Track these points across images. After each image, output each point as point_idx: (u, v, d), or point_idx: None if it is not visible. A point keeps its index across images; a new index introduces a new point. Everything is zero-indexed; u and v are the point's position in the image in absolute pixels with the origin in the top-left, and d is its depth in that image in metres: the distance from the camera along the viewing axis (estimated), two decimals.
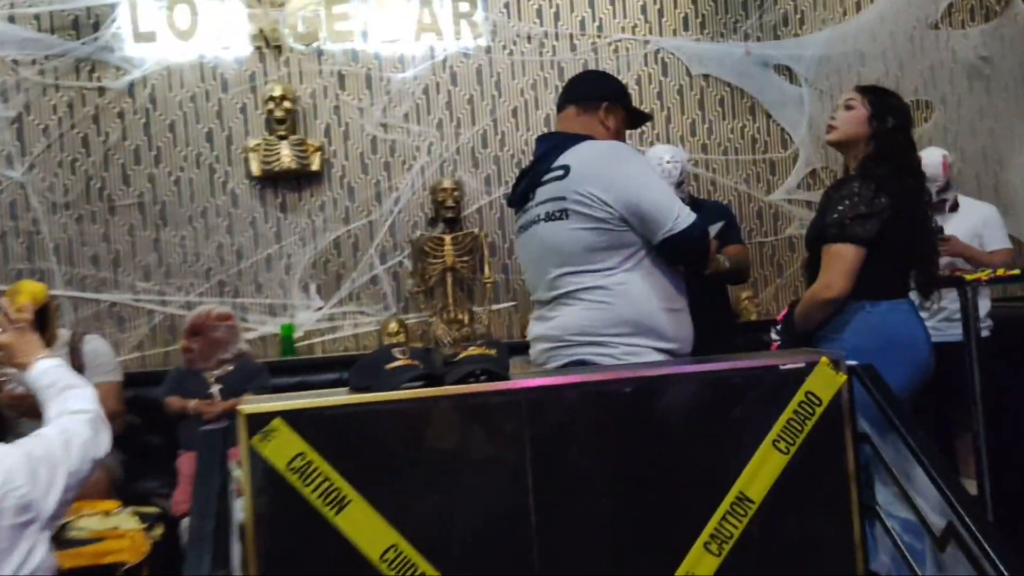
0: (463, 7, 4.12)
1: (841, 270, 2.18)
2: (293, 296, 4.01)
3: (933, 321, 2.94)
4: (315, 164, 3.97)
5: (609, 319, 2.00)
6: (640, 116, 2.33)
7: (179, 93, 3.96)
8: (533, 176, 2.13)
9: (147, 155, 3.94)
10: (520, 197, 2.18)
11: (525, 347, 2.24)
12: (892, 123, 2.30)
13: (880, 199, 2.19)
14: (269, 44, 3.98)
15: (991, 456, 2.49)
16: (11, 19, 3.81)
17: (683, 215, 2.00)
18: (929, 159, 3.25)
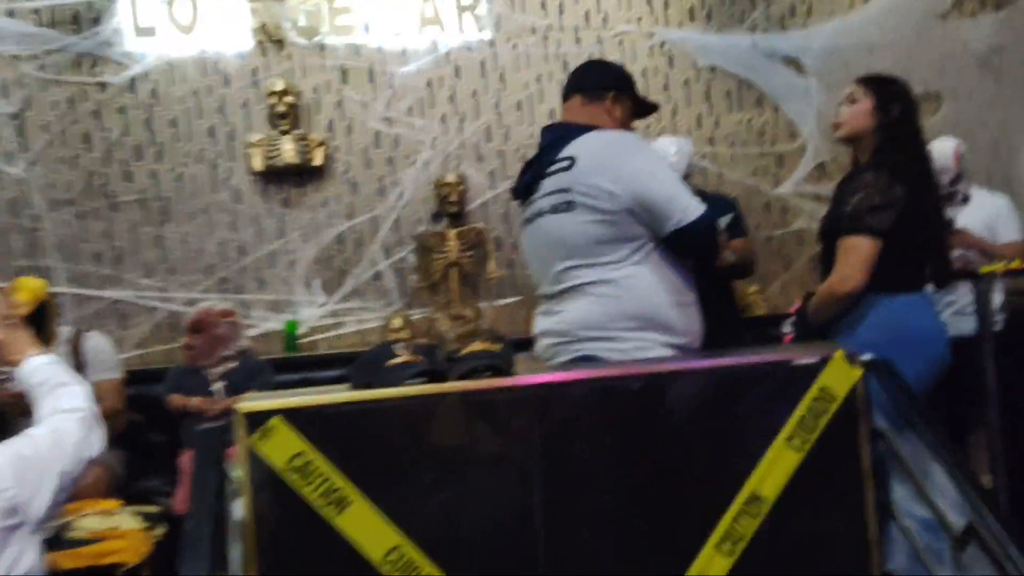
0: (466, 0, 4.09)
1: (857, 263, 2.15)
2: (296, 292, 3.98)
3: (943, 315, 2.90)
4: (318, 159, 3.94)
5: (617, 313, 1.96)
6: (647, 106, 2.29)
7: (180, 88, 3.93)
8: (538, 167, 2.10)
9: (149, 151, 3.92)
10: (525, 189, 2.15)
11: (530, 342, 2.21)
12: (898, 110, 2.28)
13: (895, 189, 2.16)
14: (271, 38, 3.95)
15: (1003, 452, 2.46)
16: (10, 14, 3.78)
17: (692, 207, 1.96)
18: (940, 150, 3.21)
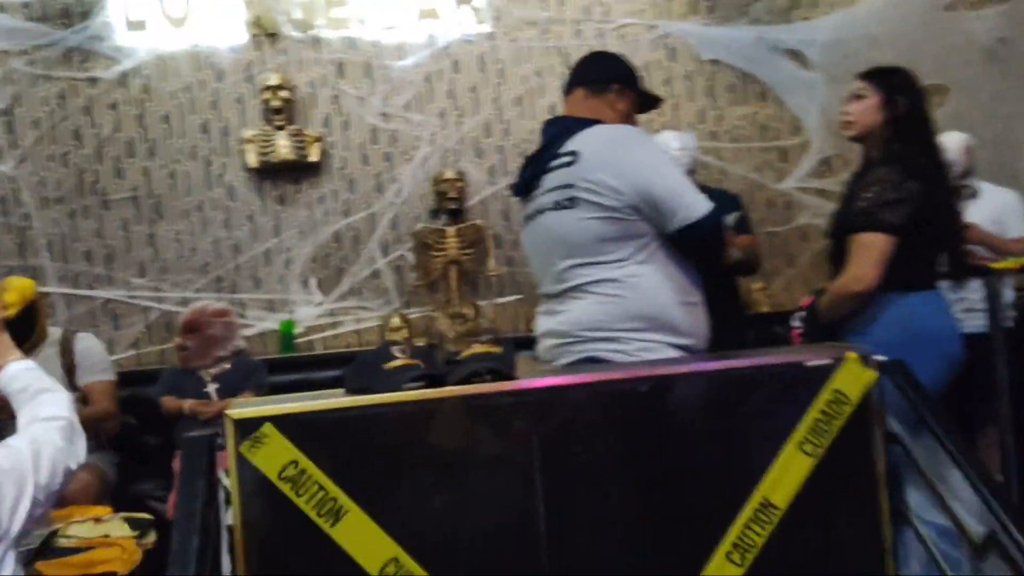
0: None
1: (871, 260, 2.11)
2: (292, 291, 3.95)
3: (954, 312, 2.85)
4: (314, 155, 3.90)
5: (621, 313, 1.92)
6: (651, 100, 2.25)
7: (173, 83, 3.89)
8: (540, 162, 2.06)
9: (141, 147, 3.88)
10: (526, 185, 2.11)
11: (531, 341, 2.18)
12: (906, 102, 2.24)
13: (909, 184, 2.12)
14: (265, 32, 3.92)
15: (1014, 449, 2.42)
16: None
17: (698, 203, 1.92)
18: (949, 144, 3.15)
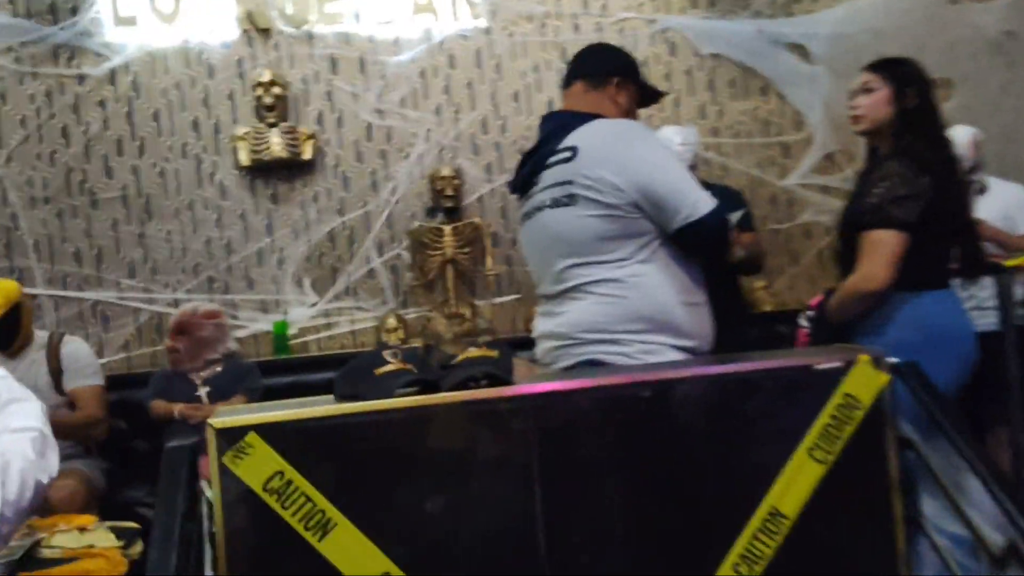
0: None
1: (883, 259, 2.05)
2: (286, 292, 3.91)
3: None
4: (307, 153, 3.86)
5: (622, 314, 1.87)
6: (653, 93, 2.19)
7: (163, 80, 3.85)
8: (538, 158, 2.00)
9: (130, 145, 3.83)
10: (523, 182, 2.05)
11: (530, 342, 2.13)
12: (915, 95, 2.20)
13: (922, 178, 2.06)
14: (257, 27, 3.88)
15: None
16: None
17: (702, 201, 1.87)
18: (957, 138, 3.09)
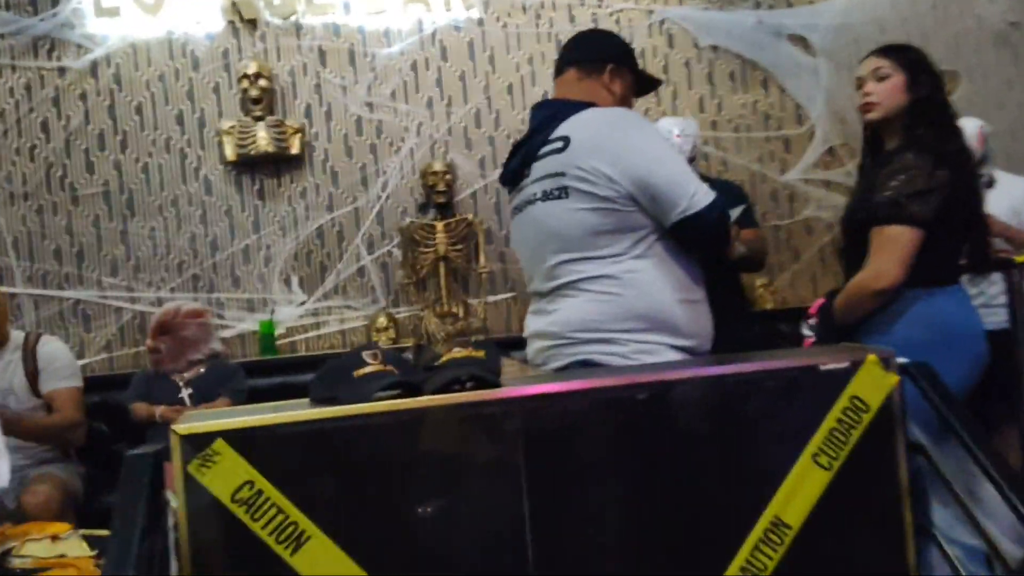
0: None
1: (896, 256, 1.97)
2: (273, 290, 3.89)
3: None
4: (295, 147, 3.84)
5: (617, 312, 1.80)
6: (649, 81, 2.13)
7: (146, 72, 3.82)
8: (528, 149, 1.95)
9: (112, 140, 3.81)
10: (513, 174, 2.00)
11: (525, 342, 2.04)
12: (927, 83, 2.13)
13: (939, 172, 1.98)
14: (243, 18, 3.86)
15: None
16: None
17: (700, 194, 1.80)
18: (965, 130, 3.03)
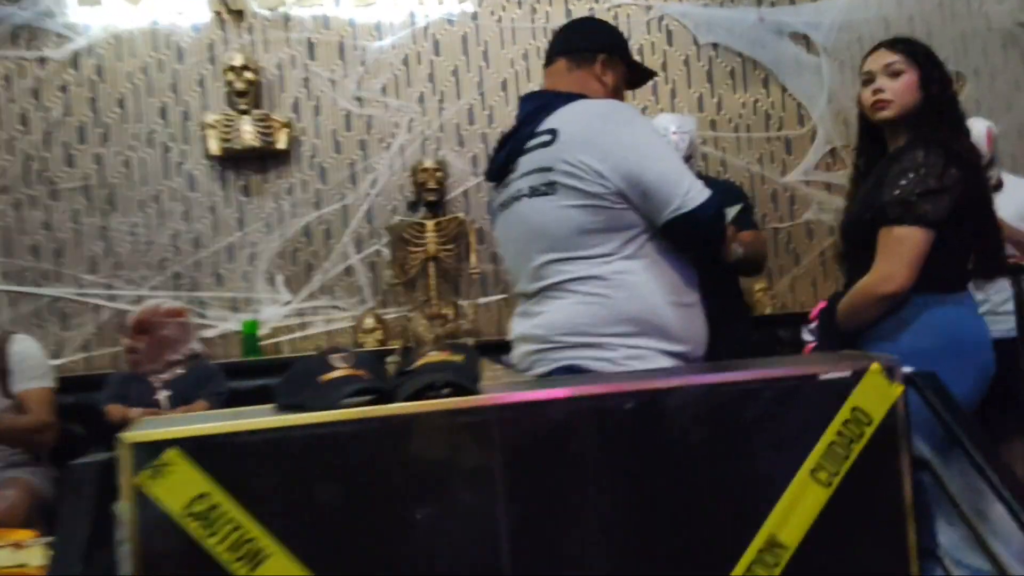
0: None
1: (905, 258, 1.90)
2: (257, 289, 3.84)
3: None
4: (281, 142, 3.79)
5: (606, 316, 1.76)
6: (643, 72, 2.08)
7: (129, 64, 3.78)
8: (515, 143, 1.88)
9: (93, 133, 3.76)
10: (499, 168, 1.93)
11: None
12: (939, 80, 2.08)
13: (952, 171, 1.91)
14: (230, 8, 3.83)
15: None
16: None
17: (694, 191, 1.75)
18: (972, 131, 2.97)
